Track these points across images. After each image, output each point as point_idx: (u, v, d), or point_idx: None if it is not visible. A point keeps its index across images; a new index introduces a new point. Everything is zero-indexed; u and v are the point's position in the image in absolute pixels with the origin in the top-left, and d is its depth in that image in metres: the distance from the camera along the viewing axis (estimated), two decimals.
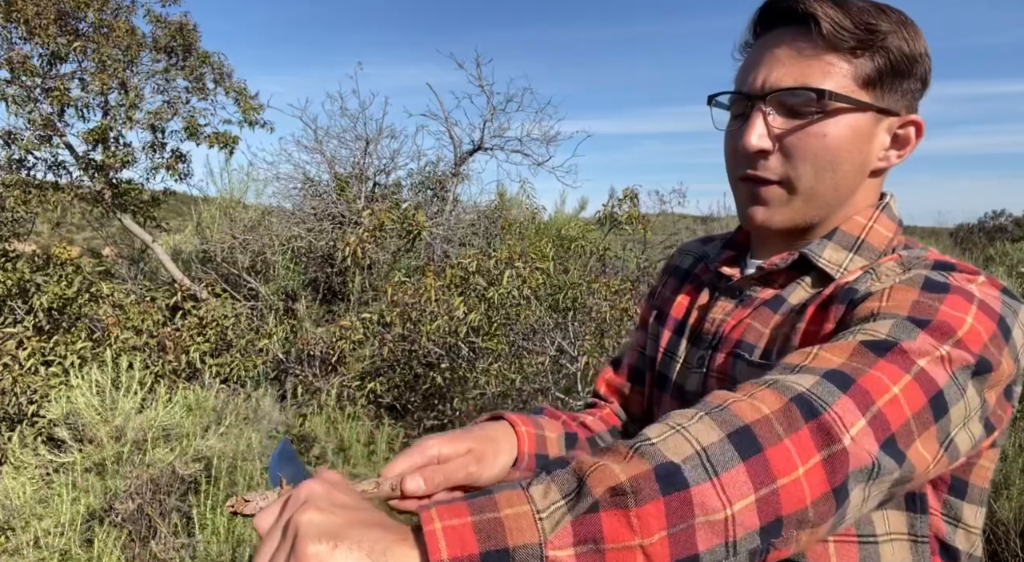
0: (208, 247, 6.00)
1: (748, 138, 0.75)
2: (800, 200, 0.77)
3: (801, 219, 0.78)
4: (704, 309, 0.89)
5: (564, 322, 4.13)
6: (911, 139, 0.78)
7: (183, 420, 3.28)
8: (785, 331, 0.76)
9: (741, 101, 0.79)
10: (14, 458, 3.24)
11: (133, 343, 4.43)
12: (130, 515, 2.85)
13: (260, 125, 5.95)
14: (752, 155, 0.76)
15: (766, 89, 0.75)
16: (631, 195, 5.87)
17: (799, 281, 0.79)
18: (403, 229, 5.44)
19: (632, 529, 0.45)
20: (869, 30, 0.72)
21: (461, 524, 0.46)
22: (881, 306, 0.64)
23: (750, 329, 0.79)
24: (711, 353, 0.83)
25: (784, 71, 0.74)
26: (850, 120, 0.74)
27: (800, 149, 0.74)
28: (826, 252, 0.78)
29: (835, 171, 0.75)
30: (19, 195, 5.21)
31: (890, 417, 0.54)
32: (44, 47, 5.11)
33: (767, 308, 0.80)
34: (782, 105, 0.75)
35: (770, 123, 0.75)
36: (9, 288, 4.47)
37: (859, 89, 0.74)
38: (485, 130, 6.60)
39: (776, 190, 0.77)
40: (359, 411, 4.12)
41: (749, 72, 0.78)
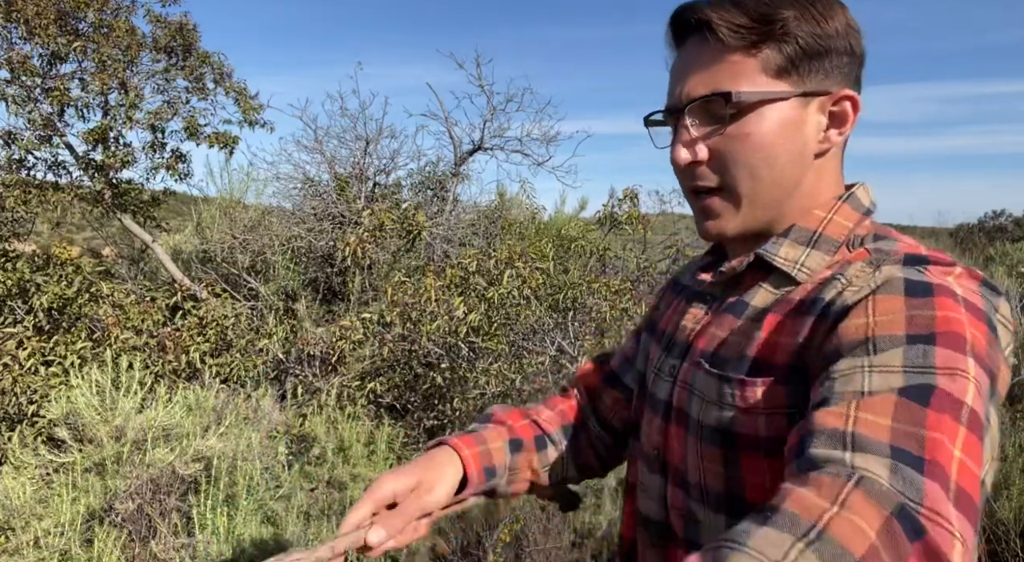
0: (208, 247, 6.00)
1: (674, 152, 0.76)
2: (745, 205, 0.75)
3: (753, 223, 0.77)
4: (678, 317, 0.88)
5: (564, 322, 4.13)
6: (848, 114, 0.75)
7: (183, 420, 3.28)
8: (738, 339, 0.74)
9: (670, 117, 0.79)
10: (14, 458, 3.24)
11: (133, 343, 4.43)
12: (130, 515, 2.85)
13: (260, 125, 5.95)
14: (685, 168, 0.76)
15: (683, 101, 0.75)
16: (631, 195, 5.87)
17: (761, 284, 0.76)
18: (403, 229, 5.44)
19: None
20: (767, 21, 0.71)
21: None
22: (871, 324, 0.60)
23: (713, 337, 0.78)
24: (680, 363, 0.82)
25: (696, 80, 0.74)
26: (771, 112, 0.72)
27: (729, 153, 0.74)
28: (782, 250, 0.75)
29: (771, 167, 0.73)
30: (19, 195, 5.21)
31: (969, 490, 0.50)
32: (44, 47, 5.10)
33: (729, 313, 0.78)
34: (702, 114, 0.75)
35: (693, 134, 0.75)
36: (9, 288, 4.47)
37: (773, 80, 0.72)
38: (485, 130, 6.60)
39: (719, 200, 0.76)
40: (359, 411, 4.12)
41: (670, 87, 0.79)
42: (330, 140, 6.52)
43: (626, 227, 5.89)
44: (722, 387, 0.72)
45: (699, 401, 0.76)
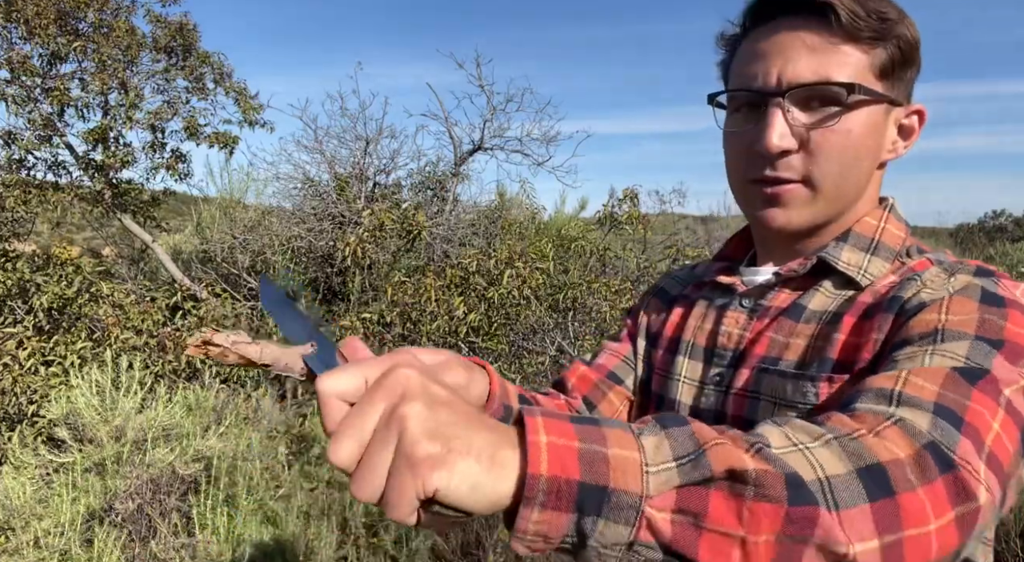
0: (208, 247, 6.01)
1: (769, 138, 0.70)
2: (823, 199, 0.73)
3: (822, 218, 0.75)
4: (706, 323, 0.84)
5: (564, 322, 4.13)
6: (915, 128, 0.77)
7: (183, 420, 3.28)
8: (819, 343, 0.72)
9: (750, 99, 0.74)
10: (14, 458, 3.24)
11: (133, 343, 4.44)
12: (130, 515, 2.85)
13: (260, 125, 5.96)
14: (772, 156, 0.72)
15: (784, 85, 0.71)
16: (631, 195, 5.87)
17: (817, 287, 0.76)
18: (403, 229, 5.44)
19: (740, 520, 0.43)
20: (882, 19, 0.70)
21: (566, 446, 0.42)
22: (943, 320, 0.62)
23: (774, 342, 0.75)
24: (731, 370, 0.78)
25: (802, 64, 0.70)
26: (869, 113, 0.71)
27: (825, 147, 0.71)
28: (844, 254, 0.75)
29: (858, 167, 0.73)
30: (19, 195, 5.21)
31: (1001, 457, 0.52)
32: (44, 47, 5.11)
33: (787, 317, 0.76)
34: (801, 101, 0.71)
35: (791, 120, 0.71)
36: (9, 288, 4.47)
37: (875, 80, 0.71)
38: (485, 130, 6.60)
39: (799, 190, 0.73)
40: None
41: (756, 66, 0.73)
42: (330, 140, 6.53)
43: (626, 227, 5.89)
44: (803, 386, 0.70)
45: (768, 405, 0.73)
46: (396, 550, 2.87)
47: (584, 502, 0.41)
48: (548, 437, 0.42)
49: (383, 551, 2.89)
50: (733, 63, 0.78)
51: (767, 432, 0.49)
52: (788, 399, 0.72)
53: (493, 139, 6.66)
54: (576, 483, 0.41)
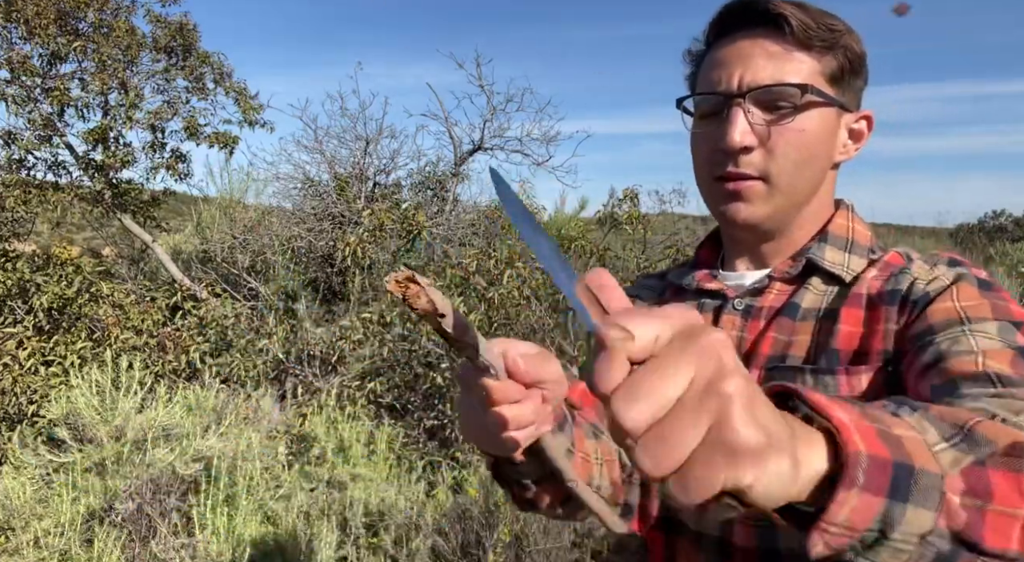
0: (208, 247, 6.01)
1: (731, 135, 0.76)
2: (780, 194, 0.78)
3: (779, 213, 0.80)
4: None
5: (564, 322, 4.13)
6: (864, 132, 0.83)
7: (183, 420, 3.28)
8: (822, 337, 0.76)
9: (714, 101, 0.80)
10: (14, 458, 3.24)
11: (133, 343, 4.44)
12: (130, 515, 2.85)
13: (260, 125, 5.95)
14: (734, 152, 0.77)
15: (744, 87, 0.77)
16: (631, 195, 5.87)
17: (806, 285, 0.81)
18: (403, 229, 5.44)
19: (1022, 496, 0.41)
20: (830, 30, 0.77)
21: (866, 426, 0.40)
22: (958, 306, 0.68)
23: (778, 340, 0.79)
24: None
25: (760, 69, 0.76)
26: (822, 114, 0.78)
27: (781, 144, 0.76)
28: (828, 254, 0.81)
29: (811, 165, 0.78)
30: (19, 195, 5.21)
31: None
32: (44, 47, 5.10)
33: (785, 316, 0.80)
34: (760, 102, 0.77)
35: (751, 119, 0.76)
36: (9, 288, 4.47)
37: (827, 85, 0.78)
38: (485, 130, 6.60)
39: (757, 185, 0.78)
40: (359, 411, 4.12)
41: (720, 72, 0.79)
42: (330, 140, 6.53)
43: (626, 227, 5.88)
44: (823, 378, 0.74)
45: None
46: (396, 550, 2.87)
47: (897, 484, 0.39)
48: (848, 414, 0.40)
49: (383, 551, 2.89)
50: (699, 73, 0.84)
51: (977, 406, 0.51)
52: None
53: (493, 139, 6.67)
54: (891, 463, 0.39)
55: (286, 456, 3.53)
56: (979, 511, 0.41)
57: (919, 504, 0.39)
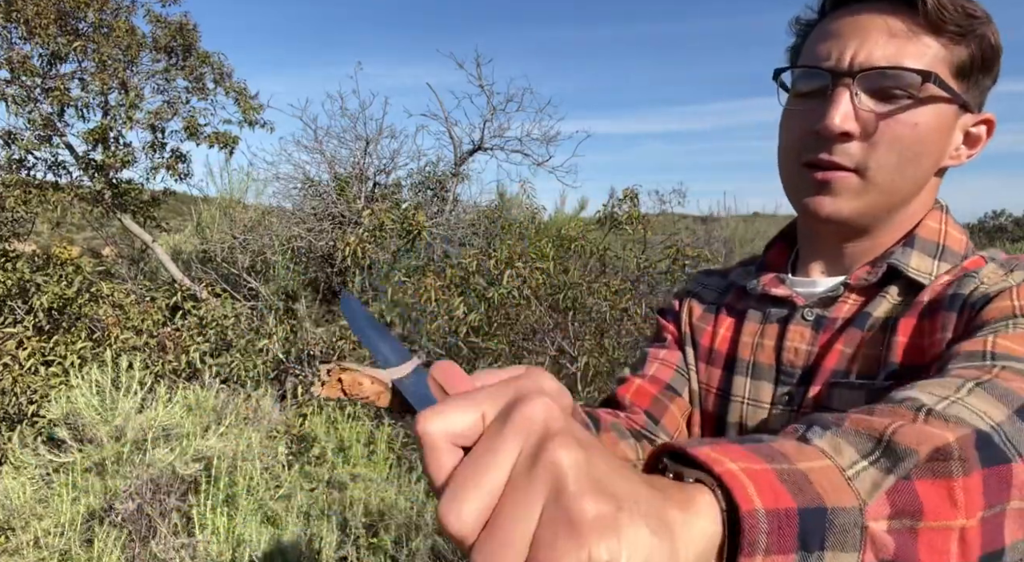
0: (208, 247, 6.01)
1: (831, 118, 0.67)
2: (875, 192, 0.69)
3: (870, 212, 0.71)
4: (765, 339, 0.78)
5: (564, 322, 4.13)
6: (982, 137, 0.73)
7: (183, 420, 3.28)
8: (875, 350, 0.69)
9: (817, 78, 0.70)
10: (14, 458, 3.24)
11: (133, 343, 4.44)
12: (130, 515, 2.85)
13: (260, 125, 5.95)
14: (831, 138, 0.68)
15: (856, 66, 0.67)
16: (631, 195, 5.87)
17: (883, 294, 0.72)
18: (403, 229, 5.44)
19: (955, 505, 0.37)
20: (968, 15, 0.67)
21: (762, 470, 0.34)
22: (1016, 305, 0.61)
23: (843, 354, 0.71)
24: (802, 388, 0.73)
25: (879, 48, 0.67)
26: (939, 110, 0.68)
27: (888, 136, 0.67)
28: (913, 260, 0.71)
29: (917, 164, 0.69)
30: (19, 195, 5.21)
31: None
32: (44, 47, 5.10)
33: (855, 327, 0.72)
34: (871, 86, 0.67)
35: (857, 104, 0.67)
36: (9, 288, 4.47)
37: (952, 78, 0.68)
38: (485, 130, 6.60)
39: (851, 178, 0.69)
40: (359, 411, 4.12)
41: (830, 46, 0.70)
42: (330, 140, 6.53)
43: (626, 227, 5.88)
44: (876, 397, 0.65)
45: None
46: (396, 550, 2.87)
47: (807, 534, 0.34)
48: (737, 463, 0.34)
49: (383, 551, 2.89)
50: (805, 44, 0.75)
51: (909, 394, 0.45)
52: None
53: (493, 139, 6.67)
54: (795, 511, 0.33)
55: (286, 456, 3.53)
56: (911, 532, 0.36)
57: (837, 548, 0.34)
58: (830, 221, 0.71)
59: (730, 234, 7.48)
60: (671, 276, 4.82)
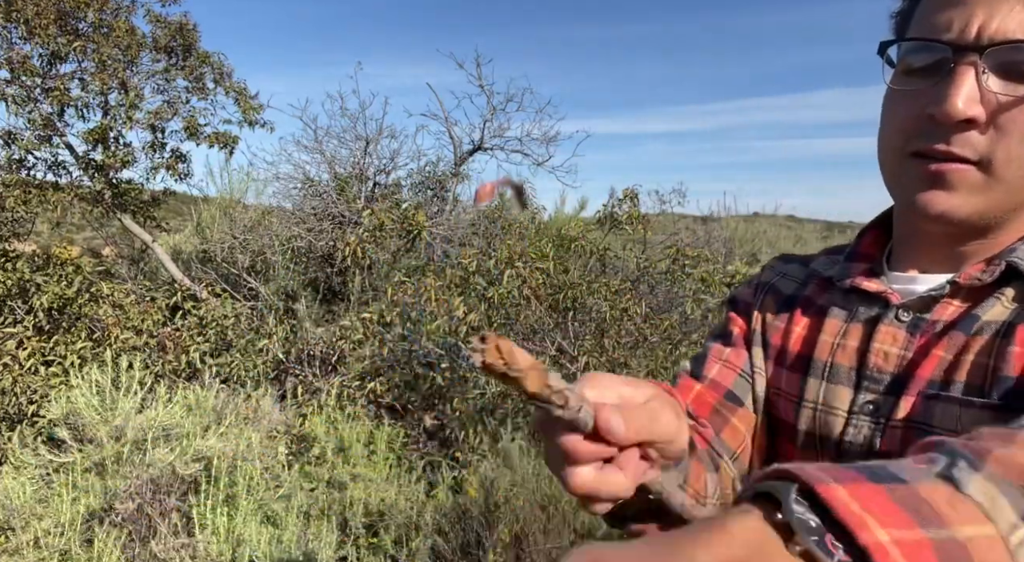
0: (208, 247, 6.01)
1: (953, 101, 0.56)
2: (1000, 189, 0.59)
3: (992, 212, 0.60)
4: (848, 339, 0.69)
5: (564, 322, 4.13)
6: None
7: (183, 420, 3.28)
8: (984, 360, 0.59)
9: (934, 53, 0.60)
10: (14, 458, 3.24)
11: (133, 343, 4.44)
12: (130, 515, 2.85)
13: (260, 125, 5.96)
14: (951, 125, 0.57)
15: (984, 39, 0.56)
16: (631, 195, 5.87)
17: (998, 295, 0.61)
18: (403, 229, 5.44)
19: None
20: None
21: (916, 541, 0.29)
22: None
23: (943, 361, 0.61)
24: (891, 398, 0.64)
25: (1012, 18, 0.55)
26: None
27: (1020, 124, 0.56)
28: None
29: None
30: (19, 195, 5.21)
31: None
32: (44, 47, 5.10)
33: (959, 331, 0.61)
34: (1002, 63, 0.56)
35: (984, 85, 0.56)
36: (9, 288, 4.47)
37: None
38: (485, 130, 6.60)
39: (972, 172, 0.59)
40: (359, 411, 4.12)
41: (951, 15, 0.58)
42: (330, 140, 6.53)
43: (626, 227, 5.89)
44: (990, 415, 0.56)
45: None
46: (396, 550, 2.87)
47: None
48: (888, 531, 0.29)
49: (383, 551, 2.89)
50: (918, 10, 0.63)
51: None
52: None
53: (493, 139, 6.67)
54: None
55: (286, 456, 3.53)
56: None
57: None
58: (941, 220, 0.61)
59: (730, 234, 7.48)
60: (671, 276, 4.82)
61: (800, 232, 10.57)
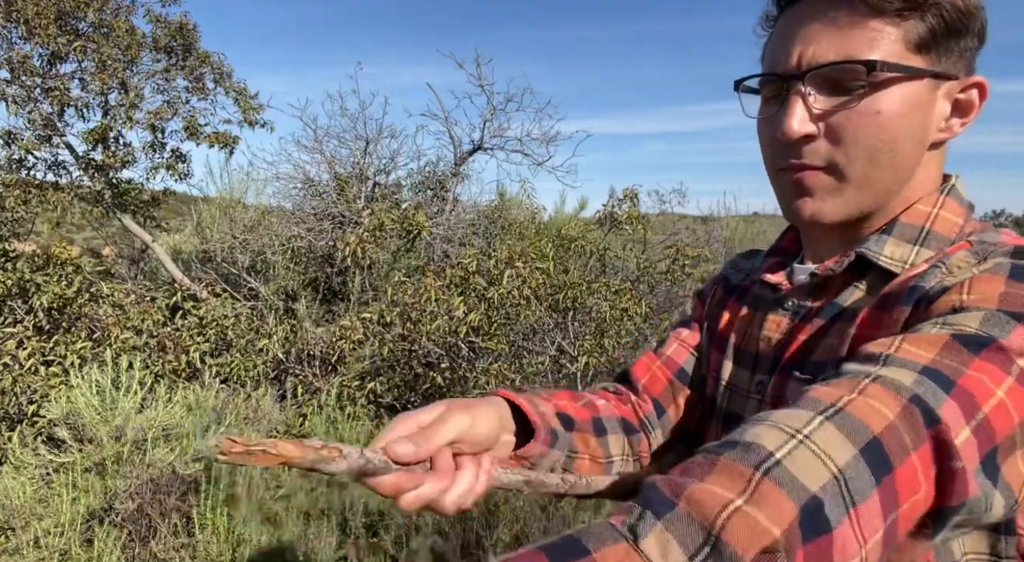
0: (208, 247, 6.01)
1: (788, 123, 0.66)
2: (852, 188, 0.67)
3: (855, 210, 0.68)
4: (752, 326, 0.79)
5: (564, 322, 4.13)
6: (974, 103, 0.68)
7: (183, 420, 3.28)
8: (831, 340, 0.67)
9: (774, 83, 0.69)
10: (14, 458, 3.24)
11: (133, 343, 4.43)
12: (130, 515, 2.85)
13: (260, 125, 5.96)
14: (794, 142, 0.67)
15: (803, 67, 0.66)
16: (631, 195, 5.87)
17: (856, 284, 0.69)
18: (403, 229, 5.44)
19: None
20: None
21: None
22: (963, 299, 0.56)
23: (804, 345, 0.70)
24: (769, 378, 0.73)
25: (824, 44, 0.65)
26: (904, 91, 0.64)
27: (850, 130, 0.65)
28: (887, 248, 0.68)
29: (893, 151, 0.65)
30: (19, 195, 5.21)
31: (996, 425, 0.48)
32: (44, 47, 5.11)
33: (819, 318, 0.70)
34: (824, 83, 0.65)
35: (811, 104, 0.66)
36: (9, 288, 4.47)
37: (911, 54, 0.64)
38: (485, 130, 6.60)
39: (823, 177, 0.67)
40: (359, 411, 4.12)
41: (780, 49, 0.69)
42: (330, 140, 6.53)
43: (626, 227, 5.88)
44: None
45: None
46: (396, 550, 2.87)
47: None
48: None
49: (383, 551, 2.89)
50: (766, 47, 0.74)
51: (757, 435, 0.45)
52: None
53: (493, 139, 6.67)
54: None
55: None
56: None
57: None
58: (813, 221, 0.69)
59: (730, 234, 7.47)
60: (671, 276, 4.82)
61: None
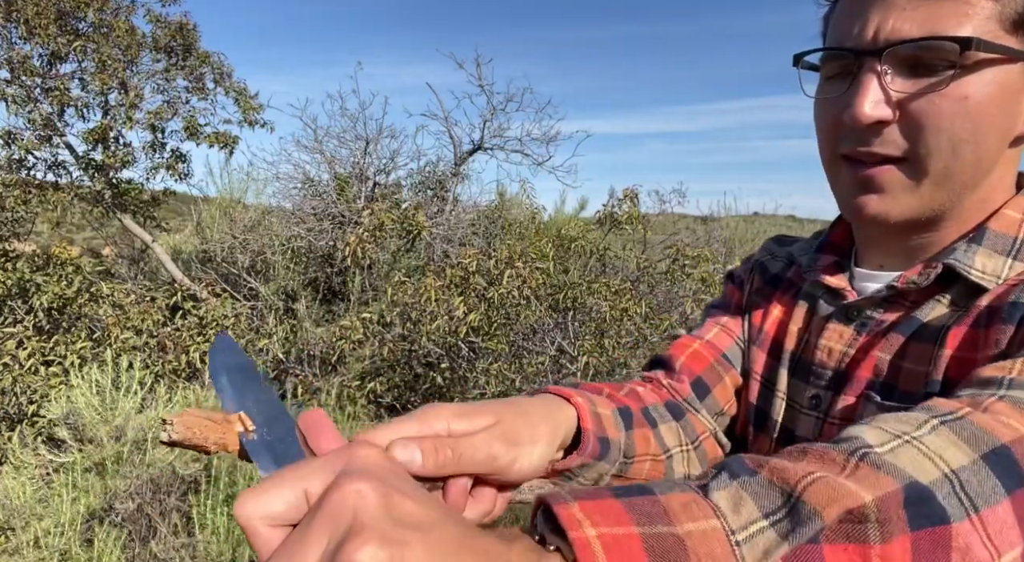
0: (208, 247, 6.01)
1: (860, 106, 0.57)
2: (929, 184, 0.59)
3: (928, 208, 0.60)
4: (809, 332, 0.71)
5: (564, 322, 4.13)
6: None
7: None
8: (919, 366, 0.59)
9: (842, 59, 0.61)
10: (14, 458, 3.24)
11: (133, 343, 4.43)
12: (130, 515, 2.85)
13: (260, 125, 5.96)
14: (864, 128, 0.59)
15: (881, 42, 0.58)
16: (631, 195, 5.86)
17: (938, 297, 0.61)
18: (403, 229, 5.44)
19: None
20: None
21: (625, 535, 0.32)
22: None
23: (881, 362, 0.62)
24: (830, 394, 0.66)
25: (907, 17, 0.57)
26: (996, 75, 0.56)
27: (933, 117, 0.57)
28: (978, 260, 0.60)
29: (977, 143, 0.57)
30: (19, 195, 5.21)
31: None
32: (44, 47, 5.11)
33: (897, 333, 0.62)
34: (903, 62, 0.57)
35: (888, 86, 0.58)
36: (9, 288, 4.47)
37: (1006, 34, 0.56)
38: (485, 130, 6.61)
39: (896, 173, 0.59)
40: (359, 411, 4.12)
41: (852, 21, 0.60)
42: (330, 140, 6.53)
43: (626, 227, 5.88)
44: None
45: None
46: None
47: None
48: (597, 528, 0.32)
49: None
50: (832, 17, 0.65)
51: (859, 432, 0.40)
52: None
53: (493, 139, 6.67)
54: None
55: None
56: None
57: None
58: (876, 222, 0.62)
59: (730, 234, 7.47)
60: (671, 276, 4.82)
61: (800, 232, 10.55)
